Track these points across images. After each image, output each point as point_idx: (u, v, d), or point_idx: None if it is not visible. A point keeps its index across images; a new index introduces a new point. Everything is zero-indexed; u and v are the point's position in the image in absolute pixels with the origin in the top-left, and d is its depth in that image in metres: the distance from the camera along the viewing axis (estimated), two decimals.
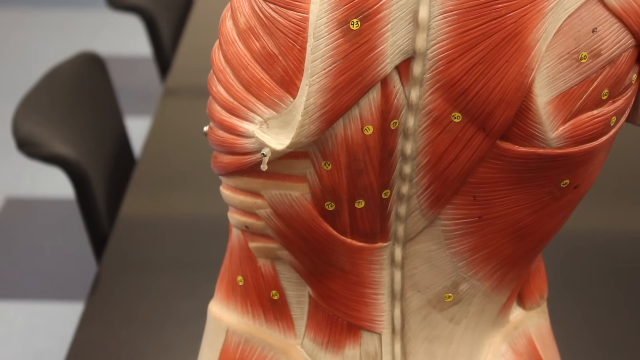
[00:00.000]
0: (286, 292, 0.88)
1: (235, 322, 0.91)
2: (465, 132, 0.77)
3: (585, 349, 1.33)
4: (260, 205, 0.83)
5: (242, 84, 0.78)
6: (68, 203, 2.71)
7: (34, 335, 2.34)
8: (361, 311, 0.87)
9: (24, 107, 1.60)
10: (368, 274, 0.86)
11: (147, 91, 3.28)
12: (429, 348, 0.89)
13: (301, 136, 0.77)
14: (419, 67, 0.75)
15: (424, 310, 0.87)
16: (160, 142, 1.86)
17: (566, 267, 1.47)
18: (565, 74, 0.75)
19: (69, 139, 1.60)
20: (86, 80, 1.82)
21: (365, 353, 0.89)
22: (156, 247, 1.56)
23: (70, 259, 2.60)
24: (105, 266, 1.50)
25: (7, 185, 2.97)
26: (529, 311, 0.94)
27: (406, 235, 0.83)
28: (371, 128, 0.77)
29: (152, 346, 1.34)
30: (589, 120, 0.77)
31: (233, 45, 0.78)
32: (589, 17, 0.74)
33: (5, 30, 4.07)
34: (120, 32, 3.97)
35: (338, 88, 0.75)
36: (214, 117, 0.80)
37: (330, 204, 0.81)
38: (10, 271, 2.59)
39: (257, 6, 0.76)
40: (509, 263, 0.86)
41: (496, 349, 0.91)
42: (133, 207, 1.65)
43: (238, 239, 0.88)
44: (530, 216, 0.82)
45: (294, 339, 0.90)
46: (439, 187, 0.80)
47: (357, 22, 0.73)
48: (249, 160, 0.80)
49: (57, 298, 2.47)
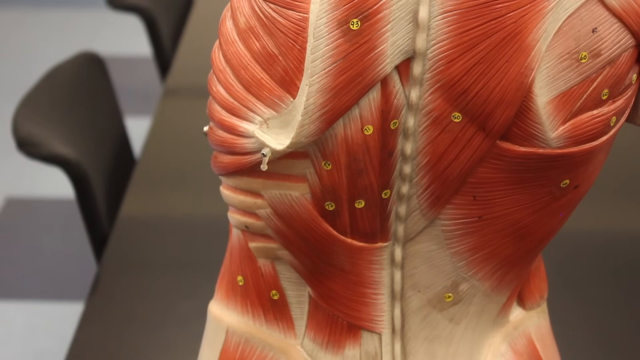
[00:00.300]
0: (286, 292, 0.88)
1: (235, 322, 0.91)
2: (465, 132, 0.77)
3: (585, 349, 1.33)
4: (260, 205, 0.83)
5: (242, 84, 0.78)
6: (68, 203, 2.70)
7: (34, 335, 2.34)
8: (361, 311, 0.87)
9: (24, 107, 1.60)
10: (368, 274, 0.86)
11: (147, 91, 3.28)
12: (429, 348, 0.89)
13: (301, 136, 0.77)
14: (419, 67, 0.75)
15: (424, 310, 0.87)
16: (160, 142, 1.86)
17: (566, 267, 1.47)
18: (565, 74, 0.75)
19: (69, 139, 1.60)
20: (86, 80, 1.82)
21: (365, 353, 0.89)
22: (156, 247, 1.56)
23: (70, 259, 2.60)
24: (105, 266, 1.49)
25: (7, 185, 2.97)
26: (529, 311, 0.94)
27: (406, 235, 0.83)
28: (371, 128, 0.77)
29: (152, 346, 1.34)
30: (589, 120, 0.77)
31: (233, 45, 0.78)
32: (589, 17, 0.74)
33: (5, 30, 4.07)
34: (120, 32, 3.97)
35: (338, 88, 0.75)
36: (214, 117, 0.80)
37: (330, 204, 0.81)
38: (10, 271, 2.59)
39: (257, 6, 0.77)
40: (509, 263, 0.86)
41: (496, 349, 0.91)
42: (133, 207, 1.65)
43: (238, 239, 0.88)
44: (530, 216, 0.82)
45: (294, 339, 0.90)
46: (439, 187, 0.80)
47: (357, 22, 0.73)
48: (249, 160, 0.80)
49: (57, 298, 2.47)
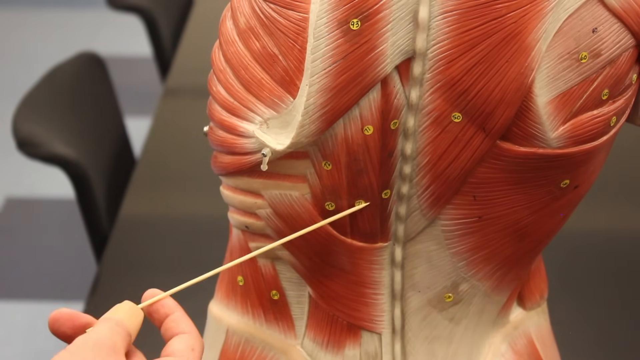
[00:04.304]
0: (286, 292, 0.88)
1: (235, 322, 0.91)
2: (466, 132, 0.77)
3: (585, 349, 1.33)
4: (260, 205, 0.83)
5: (242, 84, 0.78)
6: (68, 203, 2.70)
7: (34, 335, 2.34)
8: (361, 311, 0.87)
9: (24, 107, 1.60)
10: (368, 274, 0.85)
11: (147, 91, 3.28)
12: (429, 348, 0.89)
13: (301, 136, 0.76)
14: (419, 67, 0.75)
15: (424, 310, 0.87)
16: (160, 142, 1.86)
17: (566, 267, 1.47)
18: (566, 74, 0.75)
19: (69, 139, 1.60)
20: (86, 80, 1.82)
21: (365, 353, 0.89)
22: (156, 247, 1.56)
23: (70, 259, 2.60)
24: (105, 266, 1.49)
25: (7, 185, 2.97)
26: (529, 311, 0.94)
27: (406, 235, 0.83)
28: (371, 128, 0.77)
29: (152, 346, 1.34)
30: (589, 120, 0.77)
31: (233, 45, 0.78)
32: (589, 17, 0.74)
33: (5, 30, 4.07)
34: (120, 32, 3.97)
35: (338, 88, 0.75)
36: (214, 117, 0.80)
37: (330, 204, 0.81)
38: (10, 271, 2.59)
39: (257, 6, 0.76)
40: (509, 263, 0.86)
41: (496, 349, 0.91)
42: (133, 207, 1.65)
43: (238, 239, 0.88)
44: (531, 216, 0.82)
45: (294, 339, 0.90)
46: (439, 187, 0.80)
47: (357, 22, 0.73)
48: (249, 160, 0.79)
49: (57, 298, 2.47)
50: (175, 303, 0.71)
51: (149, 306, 0.70)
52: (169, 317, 0.70)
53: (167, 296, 0.71)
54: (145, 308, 0.70)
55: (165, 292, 0.72)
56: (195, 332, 0.69)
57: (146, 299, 0.71)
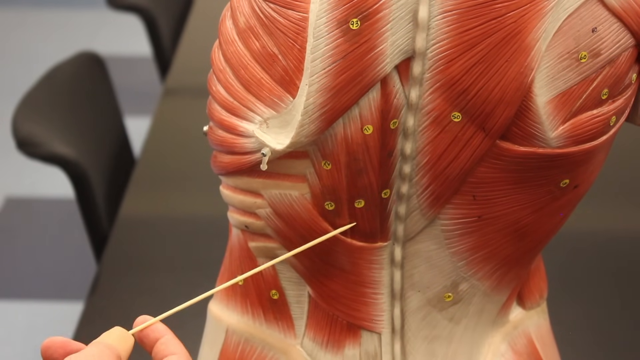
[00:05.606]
0: (286, 292, 0.88)
1: (235, 322, 0.91)
2: (465, 132, 0.77)
3: (585, 349, 1.33)
4: (260, 205, 0.83)
5: (242, 84, 0.78)
6: (68, 203, 2.70)
7: (34, 335, 2.33)
8: (361, 311, 0.87)
9: (24, 107, 1.60)
10: (368, 273, 0.85)
11: (147, 91, 3.28)
12: (428, 348, 0.89)
13: (301, 136, 0.76)
14: (418, 66, 0.75)
15: (423, 309, 0.87)
16: (160, 142, 1.86)
17: (566, 267, 1.47)
18: (565, 73, 0.75)
19: (69, 139, 1.60)
20: (86, 80, 1.82)
21: (365, 353, 0.89)
22: (156, 247, 1.56)
23: (70, 259, 2.60)
24: (105, 266, 1.49)
25: (7, 185, 2.97)
26: (528, 311, 0.94)
27: (406, 235, 0.83)
28: (371, 128, 0.77)
29: None
30: (589, 120, 0.77)
31: (233, 45, 0.78)
32: (588, 16, 0.74)
33: (5, 30, 4.07)
34: (120, 32, 3.97)
35: (338, 88, 0.75)
36: (214, 116, 0.80)
37: (330, 203, 0.81)
38: (10, 271, 2.59)
39: (256, 6, 0.76)
40: (508, 263, 0.86)
41: (496, 349, 0.91)
42: (133, 207, 1.65)
43: (238, 238, 0.88)
44: (530, 216, 0.82)
45: (294, 339, 0.90)
46: (438, 187, 0.80)
47: (357, 21, 0.73)
48: (249, 160, 0.79)
49: (57, 298, 2.47)
50: (165, 327, 0.73)
51: (139, 332, 0.71)
52: (159, 340, 0.71)
53: (157, 321, 0.73)
54: (137, 334, 0.71)
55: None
56: (184, 353, 0.71)
57: (137, 325, 0.72)
